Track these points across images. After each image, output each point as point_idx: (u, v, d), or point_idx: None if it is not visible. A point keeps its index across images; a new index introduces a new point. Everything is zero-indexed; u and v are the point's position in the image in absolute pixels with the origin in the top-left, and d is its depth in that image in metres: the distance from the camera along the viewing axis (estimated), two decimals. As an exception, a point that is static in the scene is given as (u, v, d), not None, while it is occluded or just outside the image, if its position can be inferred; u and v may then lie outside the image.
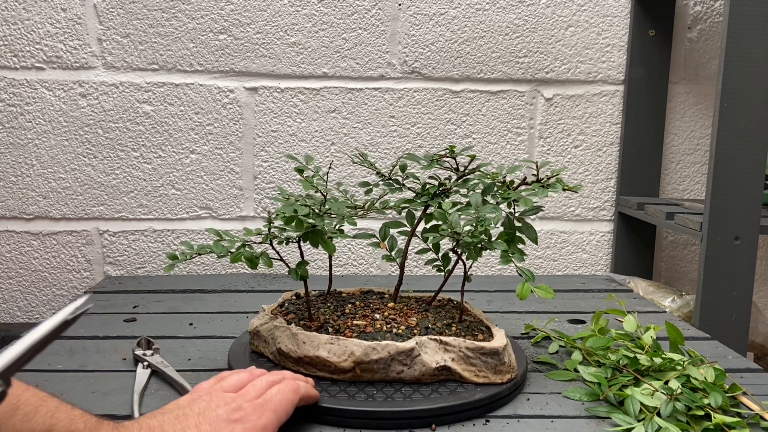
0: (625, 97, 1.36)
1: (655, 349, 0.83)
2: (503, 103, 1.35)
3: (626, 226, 1.38)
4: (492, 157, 1.37)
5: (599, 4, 1.34)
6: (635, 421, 0.67)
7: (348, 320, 0.79)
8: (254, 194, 1.35)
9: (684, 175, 1.41)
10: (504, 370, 0.74)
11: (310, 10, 1.31)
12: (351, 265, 1.38)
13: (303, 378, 0.69)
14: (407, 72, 1.33)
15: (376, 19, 1.32)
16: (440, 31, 1.33)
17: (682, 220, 1.09)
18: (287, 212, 0.74)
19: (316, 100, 1.33)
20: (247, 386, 0.64)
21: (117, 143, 1.31)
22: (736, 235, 1.01)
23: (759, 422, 0.68)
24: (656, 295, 1.22)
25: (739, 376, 0.82)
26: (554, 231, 1.40)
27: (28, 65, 1.28)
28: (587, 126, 1.37)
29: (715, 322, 1.01)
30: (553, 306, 1.12)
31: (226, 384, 0.65)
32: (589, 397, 0.74)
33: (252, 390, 0.63)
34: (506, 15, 1.33)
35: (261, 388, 0.64)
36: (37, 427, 0.50)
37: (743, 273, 1.01)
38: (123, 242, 1.34)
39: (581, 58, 1.35)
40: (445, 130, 1.35)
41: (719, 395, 0.69)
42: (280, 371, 0.70)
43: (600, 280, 1.33)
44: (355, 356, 0.71)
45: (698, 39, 1.38)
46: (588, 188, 1.40)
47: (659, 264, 1.44)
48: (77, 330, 0.95)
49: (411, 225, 0.86)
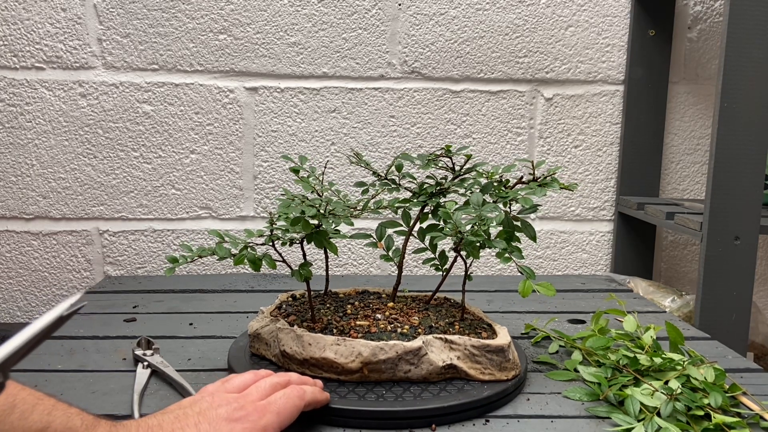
0: (625, 97, 1.36)
1: (655, 349, 0.83)
2: (503, 103, 1.35)
3: (626, 226, 1.38)
4: (492, 157, 1.36)
5: (599, 4, 1.34)
6: (635, 421, 0.67)
7: (350, 321, 0.79)
8: (254, 194, 1.35)
9: (684, 175, 1.41)
10: (509, 367, 0.74)
11: (310, 10, 1.31)
12: (351, 265, 1.38)
13: (311, 381, 0.69)
14: (407, 72, 1.33)
15: (376, 19, 1.32)
16: (440, 31, 1.33)
17: (682, 220, 1.09)
18: (294, 213, 0.74)
19: (316, 100, 1.33)
20: (251, 387, 0.64)
21: (117, 143, 1.31)
22: (736, 235, 1.01)
23: (759, 422, 0.68)
24: (656, 295, 1.22)
25: (739, 376, 0.82)
26: (554, 231, 1.40)
27: (28, 65, 1.28)
28: (587, 126, 1.37)
29: (715, 322, 1.01)
30: (553, 306, 1.12)
31: (230, 385, 0.65)
32: (589, 397, 0.74)
33: (255, 391, 0.63)
34: (506, 15, 1.33)
35: (265, 390, 0.64)
36: (33, 424, 0.50)
37: (743, 273, 1.01)
38: (123, 242, 1.34)
39: (581, 58, 1.35)
40: (445, 130, 1.35)
41: (719, 395, 0.69)
42: (286, 373, 0.70)
43: (600, 280, 1.33)
44: (363, 357, 0.71)
45: (698, 39, 1.37)
46: (588, 188, 1.40)
47: (659, 264, 1.44)
48: (77, 330, 0.95)
49: (407, 225, 0.86)
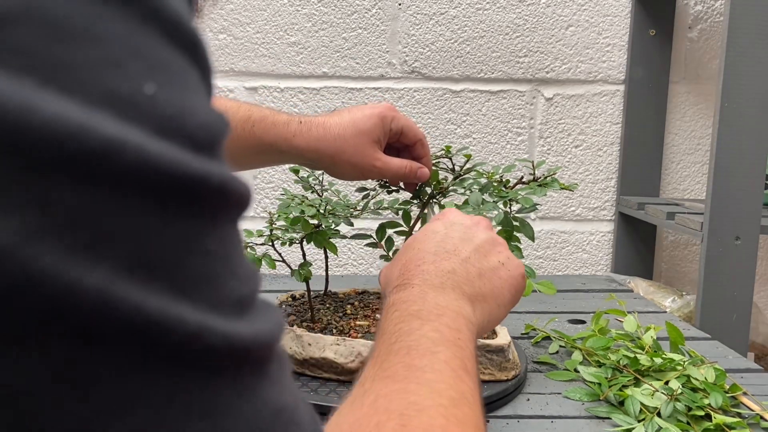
0: (625, 97, 1.35)
1: (656, 349, 0.82)
2: (503, 103, 1.35)
3: (626, 226, 1.38)
4: (492, 157, 1.36)
5: (599, 4, 1.34)
6: (635, 421, 0.67)
7: (350, 321, 0.79)
8: (254, 194, 1.34)
9: (684, 175, 1.41)
10: (509, 367, 0.74)
11: (310, 9, 1.31)
12: (351, 265, 1.38)
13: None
14: (407, 72, 1.33)
15: (376, 18, 1.31)
16: (440, 30, 1.32)
17: (683, 220, 1.09)
18: (294, 212, 0.74)
19: (316, 100, 1.33)
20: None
21: (117, 143, 1.31)
22: (737, 235, 1.00)
23: (759, 422, 0.68)
24: (656, 295, 1.22)
25: (740, 376, 0.82)
26: (554, 231, 1.40)
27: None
28: (587, 126, 1.37)
29: (715, 322, 1.01)
30: (553, 306, 1.12)
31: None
32: (589, 398, 0.73)
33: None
34: (506, 14, 1.33)
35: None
36: (242, 114, 0.74)
37: (744, 273, 1.01)
38: (123, 242, 1.34)
39: (581, 58, 1.35)
40: (445, 130, 1.35)
41: (719, 395, 0.69)
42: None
43: (600, 280, 1.33)
44: (363, 357, 0.71)
45: (699, 39, 1.37)
46: (588, 188, 1.39)
47: (660, 264, 1.44)
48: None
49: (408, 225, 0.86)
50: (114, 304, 0.19)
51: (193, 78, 0.22)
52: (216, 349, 0.21)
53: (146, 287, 0.19)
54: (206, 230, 0.22)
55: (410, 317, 0.45)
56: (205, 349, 0.21)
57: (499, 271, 0.55)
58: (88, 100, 0.19)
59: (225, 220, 0.23)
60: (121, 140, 0.19)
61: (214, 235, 0.22)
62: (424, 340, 0.42)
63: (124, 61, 0.20)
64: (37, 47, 0.18)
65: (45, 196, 0.18)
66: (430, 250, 0.54)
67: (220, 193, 0.22)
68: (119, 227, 0.19)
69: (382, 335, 0.44)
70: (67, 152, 0.18)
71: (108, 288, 0.19)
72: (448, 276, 0.51)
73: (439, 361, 0.40)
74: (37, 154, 0.18)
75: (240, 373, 0.22)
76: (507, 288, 0.54)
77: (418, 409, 0.35)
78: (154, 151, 0.19)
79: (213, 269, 0.22)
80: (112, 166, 0.19)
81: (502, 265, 0.55)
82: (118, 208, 0.19)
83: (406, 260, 0.54)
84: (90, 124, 0.18)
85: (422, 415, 0.35)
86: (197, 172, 0.21)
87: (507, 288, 0.54)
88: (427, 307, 0.46)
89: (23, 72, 0.18)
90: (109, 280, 0.19)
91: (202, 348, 0.21)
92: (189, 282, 0.21)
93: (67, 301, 0.18)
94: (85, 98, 0.19)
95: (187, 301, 0.21)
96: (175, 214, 0.20)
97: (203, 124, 0.22)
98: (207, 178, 0.21)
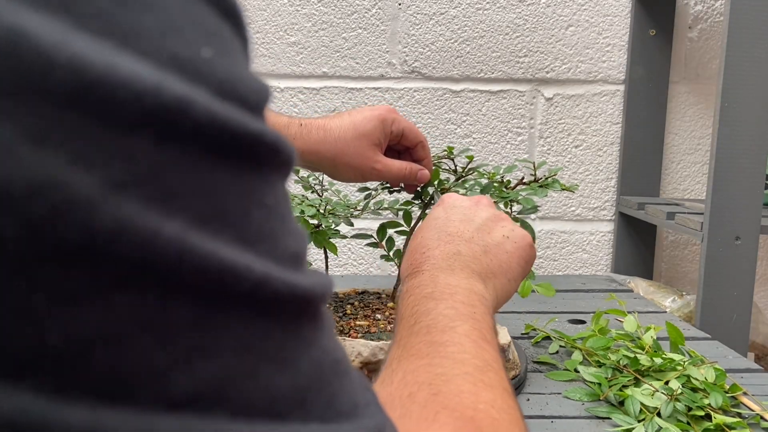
0: (625, 97, 1.35)
1: (656, 349, 0.82)
2: (503, 103, 1.35)
3: (627, 226, 1.38)
4: (492, 157, 1.36)
5: (599, 4, 1.34)
6: (635, 421, 0.67)
7: (350, 321, 0.79)
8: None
9: (684, 175, 1.41)
10: (509, 367, 0.74)
11: (310, 9, 1.30)
12: (351, 264, 1.38)
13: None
14: (407, 72, 1.33)
15: (376, 18, 1.31)
16: (440, 30, 1.32)
17: (683, 219, 1.09)
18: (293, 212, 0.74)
19: (316, 100, 1.33)
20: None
21: (117, 143, 1.31)
22: (737, 235, 1.00)
23: (759, 422, 0.68)
24: (657, 295, 1.22)
25: (740, 376, 0.82)
26: (554, 231, 1.40)
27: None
28: (587, 126, 1.37)
29: (715, 322, 1.01)
30: (553, 306, 1.12)
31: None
32: (590, 398, 0.73)
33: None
34: (506, 14, 1.33)
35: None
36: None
37: (744, 273, 1.01)
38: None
39: (581, 58, 1.35)
40: (445, 130, 1.35)
41: (720, 395, 0.69)
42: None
43: (600, 280, 1.33)
44: (363, 357, 0.71)
45: (699, 39, 1.37)
46: (588, 188, 1.39)
47: (660, 264, 1.44)
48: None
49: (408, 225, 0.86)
50: (190, 253, 0.20)
51: (237, 47, 0.24)
52: (281, 297, 0.22)
53: (217, 237, 0.20)
54: (265, 187, 0.23)
55: (425, 299, 0.47)
56: (272, 297, 0.22)
57: (505, 245, 0.56)
58: (158, 62, 0.20)
59: (278, 177, 0.24)
60: (192, 98, 0.20)
61: (271, 192, 0.23)
62: (441, 318, 0.44)
63: (184, 28, 0.21)
64: (114, 12, 0.19)
65: (126, 151, 0.19)
66: (433, 237, 0.56)
67: (274, 152, 0.23)
68: (191, 180, 0.20)
69: (401, 320, 0.46)
70: (146, 108, 0.19)
71: (184, 238, 0.20)
72: (454, 258, 0.53)
73: (458, 334, 0.42)
74: (119, 111, 0.19)
75: (301, 321, 0.24)
76: (515, 260, 0.56)
77: (446, 379, 0.37)
78: (219, 109, 0.21)
79: (272, 224, 0.23)
80: (185, 122, 0.20)
81: (507, 239, 0.56)
82: (190, 163, 0.20)
83: (412, 249, 0.56)
84: (163, 84, 0.19)
85: (450, 384, 0.37)
86: (256, 131, 0.22)
87: (515, 260, 0.56)
88: (440, 288, 0.48)
89: (103, 35, 0.19)
90: (184, 230, 0.20)
91: (270, 295, 0.22)
92: (253, 234, 0.22)
93: (147, 251, 0.19)
94: (156, 61, 0.20)
95: (252, 252, 0.22)
96: (239, 169, 0.22)
97: (253, 89, 0.23)
98: (263, 137, 0.22)
